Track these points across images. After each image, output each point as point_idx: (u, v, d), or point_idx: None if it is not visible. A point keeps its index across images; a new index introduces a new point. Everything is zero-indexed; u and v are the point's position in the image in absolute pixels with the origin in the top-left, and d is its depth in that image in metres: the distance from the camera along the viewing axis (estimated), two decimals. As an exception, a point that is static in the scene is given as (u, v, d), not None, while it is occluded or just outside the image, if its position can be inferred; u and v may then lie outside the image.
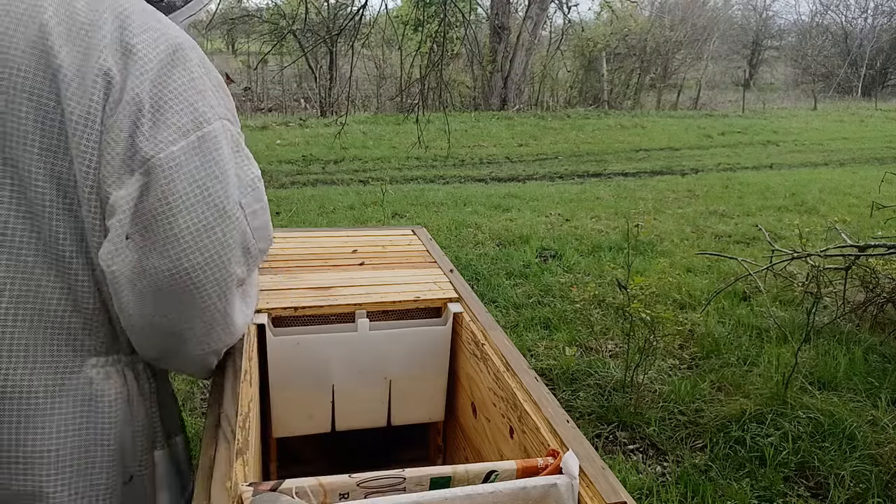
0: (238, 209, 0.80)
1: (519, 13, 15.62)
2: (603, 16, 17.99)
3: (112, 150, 0.73)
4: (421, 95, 6.38)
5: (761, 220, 5.75)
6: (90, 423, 0.81)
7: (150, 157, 0.73)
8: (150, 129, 0.74)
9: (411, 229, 2.22)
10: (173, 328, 0.80)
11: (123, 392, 0.84)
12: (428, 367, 1.67)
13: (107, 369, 0.83)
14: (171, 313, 0.79)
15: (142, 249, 0.74)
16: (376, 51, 16.14)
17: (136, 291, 0.76)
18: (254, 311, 0.96)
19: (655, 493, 2.17)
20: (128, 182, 0.73)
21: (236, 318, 0.86)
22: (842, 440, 2.39)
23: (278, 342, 1.54)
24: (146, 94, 0.74)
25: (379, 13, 13.68)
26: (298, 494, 0.90)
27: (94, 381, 0.81)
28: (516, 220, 5.67)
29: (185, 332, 0.81)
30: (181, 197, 0.74)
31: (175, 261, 0.75)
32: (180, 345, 0.83)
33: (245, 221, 0.82)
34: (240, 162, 0.83)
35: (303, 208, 5.90)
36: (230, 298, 0.81)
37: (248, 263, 0.84)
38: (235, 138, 0.84)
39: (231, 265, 0.79)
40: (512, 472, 0.99)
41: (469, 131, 11.31)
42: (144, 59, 0.76)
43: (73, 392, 0.80)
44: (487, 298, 3.81)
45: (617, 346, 3.26)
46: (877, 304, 3.44)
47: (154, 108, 0.75)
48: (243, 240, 0.81)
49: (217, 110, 0.80)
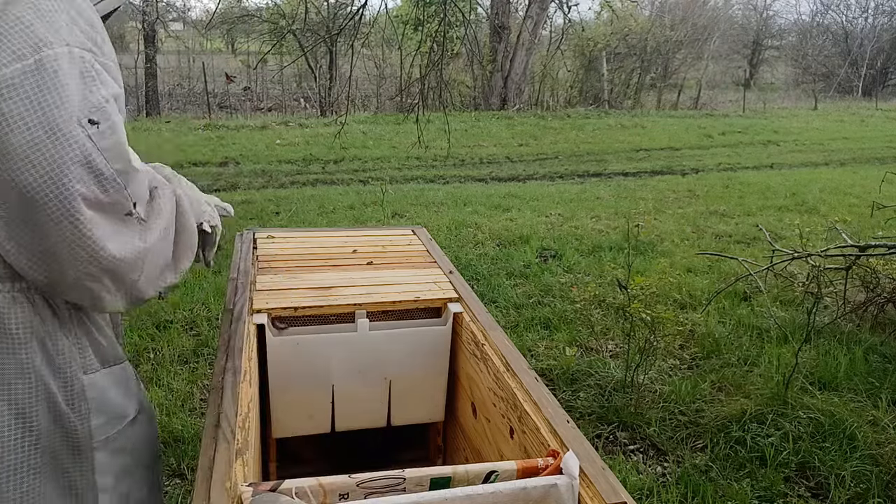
0: (77, 128, 0.82)
1: (519, 13, 15.62)
2: (603, 15, 18.00)
3: None
4: (421, 95, 6.37)
5: (762, 219, 5.75)
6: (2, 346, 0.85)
7: None
8: None
9: (411, 229, 2.22)
10: (35, 250, 0.83)
11: (32, 317, 0.88)
12: (428, 368, 1.66)
13: (13, 294, 0.86)
14: (29, 236, 0.82)
15: None
16: (376, 50, 16.14)
17: None
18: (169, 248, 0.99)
19: (656, 493, 2.17)
20: None
21: (107, 242, 0.87)
22: (842, 440, 2.39)
23: (278, 342, 1.54)
24: None
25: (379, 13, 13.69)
26: (298, 495, 0.90)
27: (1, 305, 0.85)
28: (516, 220, 5.66)
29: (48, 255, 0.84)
30: (14, 115, 0.78)
31: (12, 176, 0.78)
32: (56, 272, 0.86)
33: (88, 141, 0.83)
34: (88, 85, 0.85)
35: (303, 208, 5.90)
36: (79, 215, 0.83)
37: (101, 184, 0.85)
38: (88, 64, 0.86)
39: (71, 182, 0.81)
40: (512, 473, 0.98)
41: (469, 131, 11.31)
42: None
43: None
44: (487, 298, 3.81)
45: (617, 346, 3.26)
46: (877, 304, 3.43)
47: None
48: (86, 159, 0.83)
49: (65, 37, 0.84)
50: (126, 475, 1.01)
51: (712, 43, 20.53)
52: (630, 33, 17.62)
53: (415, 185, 7.36)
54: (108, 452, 0.97)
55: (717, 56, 21.89)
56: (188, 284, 3.84)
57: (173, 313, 3.43)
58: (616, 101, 17.43)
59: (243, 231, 2.08)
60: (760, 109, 16.60)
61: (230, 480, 0.91)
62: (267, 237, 2.07)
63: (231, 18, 15.43)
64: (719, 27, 21.50)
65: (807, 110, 16.96)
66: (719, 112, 16.08)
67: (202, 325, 3.33)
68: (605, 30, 17.57)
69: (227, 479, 0.91)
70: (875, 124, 14.32)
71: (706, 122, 13.61)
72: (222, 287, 3.51)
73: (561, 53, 15.34)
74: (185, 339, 3.18)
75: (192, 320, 3.39)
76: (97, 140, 0.84)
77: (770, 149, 10.68)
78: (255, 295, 1.61)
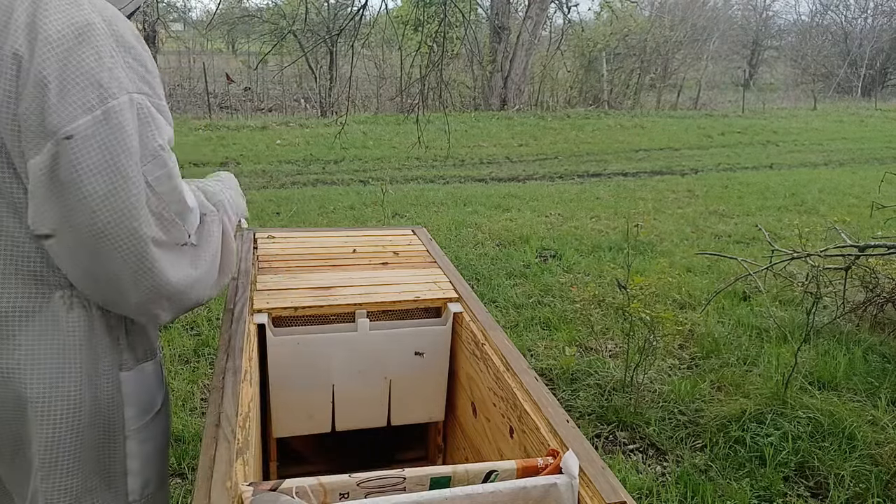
0: (139, 175, 0.90)
1: (519, 13, 15.62)
2: (603, 16, 18.00)
3: (27, 122, 0.85)
4: (421, 95, 6.37)
5: (761, 220, 5.75)
6: (58, 343, 0.96)
7: (57, 130, 0.85)
8: (57, 105, 0.85)
9: (411, 229, 2.22)
10: (100, 278, 0.93)
11: (87, 320, 0.98)
12: (428, 367, 1.67)
13: (72, 300, 0.96)
14: (95, 266, 0.91)
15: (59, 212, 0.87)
16: (376, 51, 16.14)
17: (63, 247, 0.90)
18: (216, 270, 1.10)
19: (655, 493, 2.17)
20: (41, 151, 0.85)
21: (168, 273, 0.96)
22: (841, 440, 2.39)
23: (278, 342, 1.54)
24: (52, 73, 0.85)
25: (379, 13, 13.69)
26: (298, 494, 0.90)
27: (60, 310, 0.95)
28: (516, 220, 5.67)
29: (113, 282, 0.93)
30: (88, 165, 0.86)
31: (86, 221, 0.87)
32: (117, 294, 0.95)
33: (149, 188, 0.92)
34: (145, 132, 0.92)
35: (303, 208, 5.90)
36: (147, 254, 0.92)
37: (163, 226, 0.95)
38: (145, 109, 0.93)
39: (139, 226, 0.90)
40: (512, 472, 0.99)
41: (469, 131, 11.32)
42: (49, 40, 0.86)
43: (43, 318, 0.95)
44: (487, 298, 3.81)
45: (617, 346, 3.26)
46: (876, 304, 3.44)
47: (60, 85, 0.85)
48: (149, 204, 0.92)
49: (125, 85, 0.90)
50: (149, 461, 1.10)
51: (712, 43, 20.53)
52: (630, 33, 17.61)
53: (415, 186, 7.36)
54: (138, 441, 1.07)
55: (716, 56, 21.89)
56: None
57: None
58: (616, 101, 17.43)
59: (243, 231, 2.08)
60: (760, 110, 16.60)
61: (230, 480, 0.91)
62: (267, 237, 2.07)
63: (231, 19, 15.45)
64: (719, 27, 21.50)
65: (806, 110, 16.96)
66: (719, 112, 16.08)
67: (203, 324, 3.33)
68: (605, 30, 17.57)
69: (228, 478, 0.91)
70: (874, 124, 14.33)
71: (706, 123, 13.61)
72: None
73: (561, 54, 15.35)
74: (185, 338, 3.18)
75: (193, 320, 3.39)
76: (156, 186, 0.93)
77: (769, 149, 10.69)
78: (256, 295, 1.61)
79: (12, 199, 0.90)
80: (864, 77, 22.74)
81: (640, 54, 17.82)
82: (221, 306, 3.18)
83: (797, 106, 18.41)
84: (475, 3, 12.83)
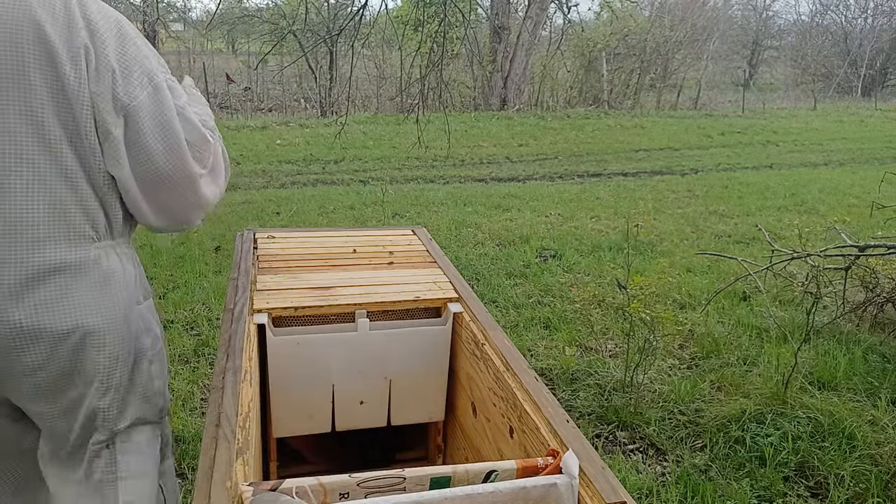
0: (179, 127, 1.19)
1: (519, 13, 15.62)
2: (603, 16, 17.98)
3: (103, 99, 1.12)
4: (421, 95, 6.38)
5: (761, 220, 5.75)
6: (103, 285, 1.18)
7: (127, 104, 1.14)
8: (123, 85, 1.13)
9: (411, 229, 2.22)
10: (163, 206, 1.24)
11: (120, 265, 1.22)
12: (428, 367, 1.67)
13: (105, 249, 1.20)
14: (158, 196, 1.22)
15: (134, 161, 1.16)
16: (376, 51, 16.13)
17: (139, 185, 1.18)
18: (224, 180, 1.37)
19: (655, 492, 2.17)
20: (117, 120, 1.13)
21: (208, 194, 1.29)
22: (841, 440, 2.39)
23: (278, 342, 1.55)
24: (114, 61, 1.13)
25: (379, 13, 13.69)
26: (298, 494, 0.90)
27: (101, 258, 1.18)
28: (516, 220, 5.67)
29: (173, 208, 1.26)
30: (151, 128, 1.16)
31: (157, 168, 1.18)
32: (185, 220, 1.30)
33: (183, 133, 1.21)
34: (175, 96, 1.21)
35: (303, 208, 5.90)
36: (196, 186, 1.25)
37: (201, 161, 1.25)
38: (169, 81, 1.22)
39: (191, 166, 1.22)
40: (512, 472, 0.99)
41: (469, 131, 11.31)
42: (104, 35, 1.13)
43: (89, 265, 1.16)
44: (487, 298, 3.81)
45: (617, 346, 3.26)
46: (876, 304, 3.44)
47: (122, 70, 1.14)
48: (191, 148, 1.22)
49: (157, 67, 1.20)
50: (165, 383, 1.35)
51: (712, 43, 20.53)
52: (630, 34, 17.59)
53: (415, 186, 7.36)
54: (158, 363, 1.31)
55: (716, 56, 21.88)
56: (189, 284, 3.85)
57: (174, 313, 3.44)
58: (616, 101, 17.42)
59: (244, 231, 2.08)
60: (760, 110, 16.59)
61: (231, 480, 0.91)
62: (267, 237, 2.07)
63: (231, 19, 15.43)
64: (719, 27, 21.50)
65: (806, 110, 16.96)
66: (719, 112, 16.07)
67: (202, 324, 3.33)
68: (605, 30, 17.55)
69: (228, 478, 0.91)
70: (874, 124, 14.32)
71: (705, 123, 13.61)
72: (223, 287, 3.51)
73: (561, 54, 15.34)
74: (185, 338, 3.18)
75: (193, 320, 3.39)
76: (188, 133, 1.21)
77: (769, 149, 10.69)
78: (256, 295, 1.61)
79: (64, 165, 1.11)
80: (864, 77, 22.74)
81: (640, 54, 17.82)
82: (221, 306, 3.18)
83: (797, 106, 18.41)
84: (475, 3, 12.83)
